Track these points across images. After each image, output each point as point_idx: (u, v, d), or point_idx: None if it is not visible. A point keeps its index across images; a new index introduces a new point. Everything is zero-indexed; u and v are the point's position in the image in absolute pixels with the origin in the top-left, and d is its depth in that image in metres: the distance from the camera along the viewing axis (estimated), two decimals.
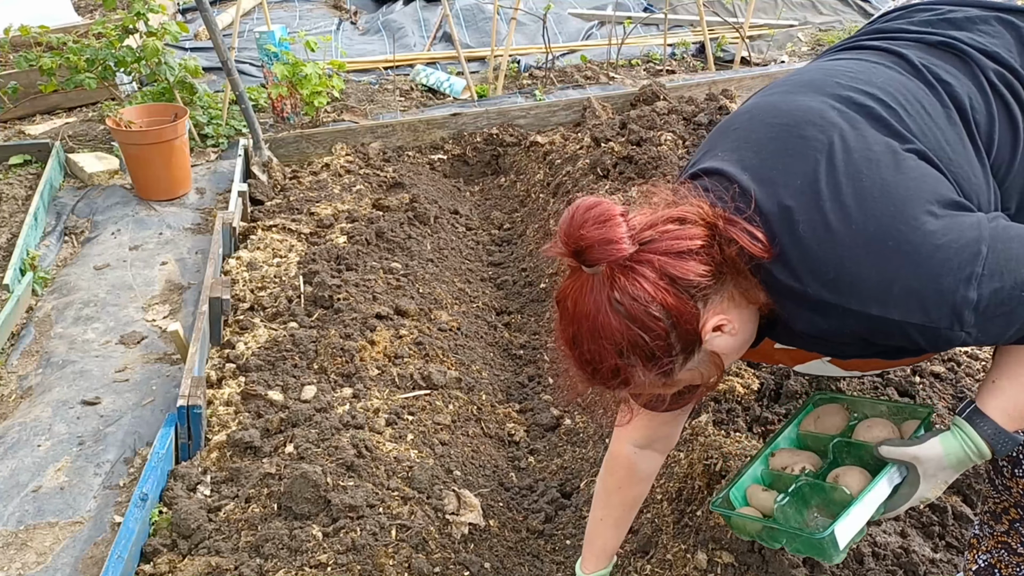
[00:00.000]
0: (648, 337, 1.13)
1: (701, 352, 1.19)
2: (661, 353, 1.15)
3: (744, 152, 1.22)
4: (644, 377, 1.17)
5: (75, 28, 4.69)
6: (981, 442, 1.20)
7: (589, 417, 2.48)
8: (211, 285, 2.67)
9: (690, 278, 1.12)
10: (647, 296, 1.11)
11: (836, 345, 1.31)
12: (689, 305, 1.14)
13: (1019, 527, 1.43)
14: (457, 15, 6.12)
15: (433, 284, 3.06)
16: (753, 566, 1.69)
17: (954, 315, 1.09)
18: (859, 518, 1.30)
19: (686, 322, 1.14)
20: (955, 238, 1.09)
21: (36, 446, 2.28)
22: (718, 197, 1.19)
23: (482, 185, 4.28)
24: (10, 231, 3.29)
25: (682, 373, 1.21)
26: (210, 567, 1.80)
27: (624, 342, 1.14)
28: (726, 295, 1.18)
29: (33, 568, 1.92)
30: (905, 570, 1.70)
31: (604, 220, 1.11)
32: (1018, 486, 1.38)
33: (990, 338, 1.14)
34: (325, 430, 2.17)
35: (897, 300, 1.11)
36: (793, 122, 1.19)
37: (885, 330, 1.15)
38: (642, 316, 1.12)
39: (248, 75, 5.09)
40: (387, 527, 1.89)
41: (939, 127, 1.20)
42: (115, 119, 3.55)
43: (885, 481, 1.31)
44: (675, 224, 1.15)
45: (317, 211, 3.41)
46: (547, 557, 2.07)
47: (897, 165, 1.13)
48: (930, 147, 1.17)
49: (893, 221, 1.10)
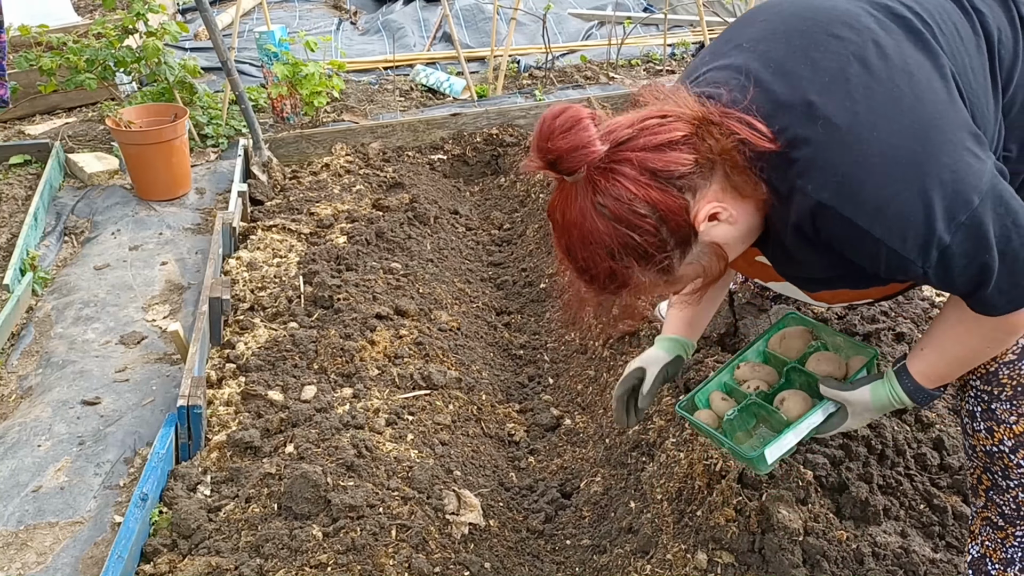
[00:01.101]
0: (638, 235, 1.12)
1: (699, 244, 1.18)
2: (655, 250, 1.14)
3: (771, 43, 1.19)
4: (643, 276, 1.17)
5: (75, 28, 4.69)
6: (903, 394, 1.40)
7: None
8: (211, 285, 2.67)
9: (671, 169, 1.11)
10: (629, 194, 1.10)
11: (815, 266, 1.32)
12: (675, 197, 1.12)
13: (994, 496, 1.46)
14: (457, 15, 6.12)
15: (433, 284, 3.06)
16: (753, 566, 1.69)
17: (923, 249, 1.12)
18: (790, 442, 1.53)
19: (675, 215, 1.13)
20: (960, 179, 1.10)
21: (36, 446, 2.28)
22: (724, 90, 1.16)
23: (482, 185, 4.28)
24: (10, 231, 3.29)
25: (683, 268, 1.20)
26: (210, 567, 1.80)
27: (615, 244, 1.13)
28: (718, 185, 1.16)
29: (33, 568, 1.92)
30: (905, 570, 1.70)
31: (571, 127, 1.10)
32: (980, 443, 1.43)
33: (940, 282, 1.19)
34: (325, 430, 2.17)
35: (886, 219, 1.12)
36: (826, 20, 1.17)
37: (861, 246, 1.16)
38: (628, 215, 1.11)
39: (248, 75, 5.09)
40: (387, 527, 1.89)
41: (968, 53, 1.19)
42: (115, 119, 3.55)
43: (819, 413, 1.54)
44: (657, 120, 1.14)
45: (317, 211, 3.41)
46: (547, 557, 2.07)
47: (931, 85, 1.12)
48: (958, 70, 1.16)
49: (916, 140, 1.09)
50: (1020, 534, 1.45)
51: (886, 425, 1.99)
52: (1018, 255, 1.14)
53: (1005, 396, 1.36)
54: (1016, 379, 1.35)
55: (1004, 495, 1.43)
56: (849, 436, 1.96)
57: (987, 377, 1.38)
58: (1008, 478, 1.41)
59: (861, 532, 1.77)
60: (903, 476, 1.92)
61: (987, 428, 1.41)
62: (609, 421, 2.38)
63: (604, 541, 2.04)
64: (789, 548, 1.67)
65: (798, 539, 1.68)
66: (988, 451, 1.42)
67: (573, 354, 2.79)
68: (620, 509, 2.08)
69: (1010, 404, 1.36)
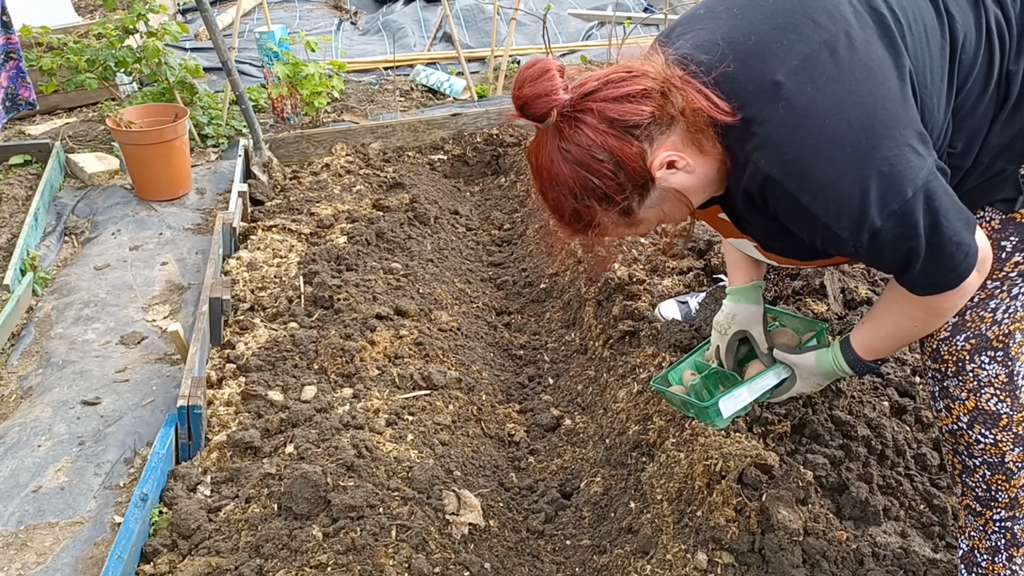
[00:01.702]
0: (596, 179, 1.24)
1: (657, 190, 1.29)
2: (613, 192, 1.26)
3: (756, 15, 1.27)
4: (606, 217, 1.29)
5: (75, 28, 4.69)
6: (844, 363, 1.55)
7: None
8: (211, 285, 2.67)
9: (627, 119, 1.21)
10: (588, 140, 1.22)
11: (762, 231, 1.45)
12: (632, 145, 1.23)
13: (966, 479, 1.50)
14: (457, 15, 6.12)
15: (433, 284, 3.06)
16: (753, 566, 1.69)
17: (855, 229, 1.23)
18: (742, 396, 1.68)
19: (631, 160, 1.24)
20: (898, 172, 1.20)
21: (36, 446, 2.28)
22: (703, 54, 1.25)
23: (482, 185, 4.28)
24: (10, 231, 3.29)
25: (644, 211, 1.32)
26: (210, 567, 1.80)
27: (577, 186, 1.25)
28: (677, 137, 1.26)
29: (33, 568, 1.92)
30: (905, 570, 1.70)
31: (539, 76, 1.22)
32: (943, 423, 1.49)
33: (869, 260, 1.33)
34: (325, 430, 2.17)
35: (825, 199, 1.22)
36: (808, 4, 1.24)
37: (801, 220, 1.28)
38: (587, 160, 1.23)
39: (248, 75, 5.09)
40: (387, 527, 1.89)
41: (931, 54, 1.27)
42: (115, 119, 3.55)
43: (772, 374, 1.71)
44: (622, 73, 1.24)
45: (317, 211, 3.41)
46: (547, 557, 2.07)
47: (887, 83, 1.21)
48: (917, 71, 1.25)
49: (862, 133, 1.19)
50: (998, 518, 1.48)
51: (886, 425, 1.99)
52: (943, 246, 1.24)
53: (951, 372, 1.43)
54: (955, 354, 1.42)
55: (973, 475, 1.48)
56: (849, 436, 1.96)
57: (933, 355, 1.46)
58: (972, 456, 1.46)
59: (861, 532, 1.77)
60: (903, 476, 1.92)
61: (945, 407, 1.47)
62: (609, 421, 2.38)
63: (604, 541, 2.04)
64: (789, 548, 1.67)
65: (798, 539, 1.68)
66: (951, 430, 1.47)
67: (573, 354, 2.79)
68: (620, 509, 2.08)
69: (957, 380, 1.43)
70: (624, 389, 2.40)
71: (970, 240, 1.27)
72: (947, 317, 1.39)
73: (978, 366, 1.40)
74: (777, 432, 1.97)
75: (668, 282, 2.65)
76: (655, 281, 2.67)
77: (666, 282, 2.65)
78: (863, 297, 2.45)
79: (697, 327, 2.33)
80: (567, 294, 3.03)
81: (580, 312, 2.88)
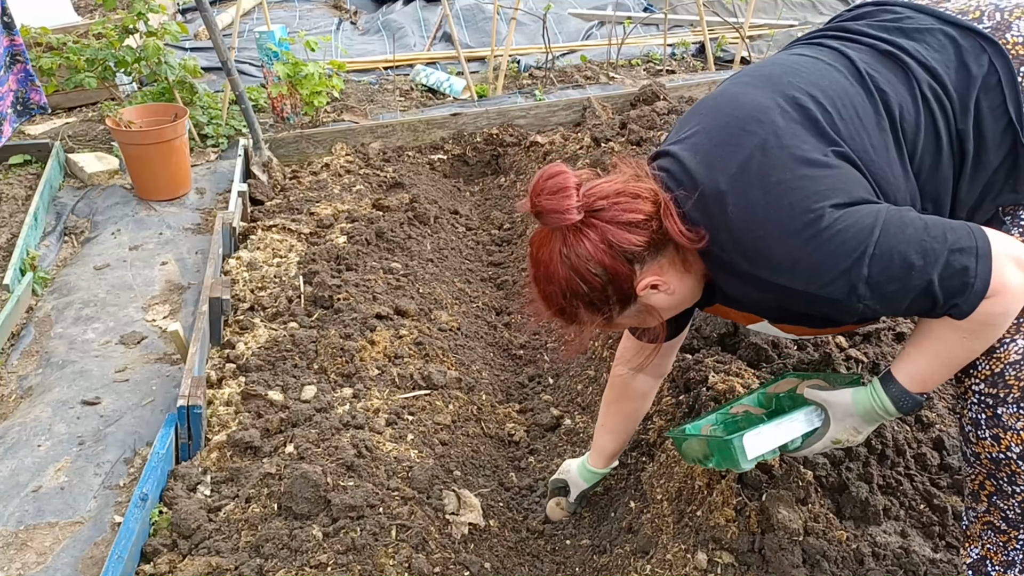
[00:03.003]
0: (587, 288, 1.37)
1: (637, 304, 1.42)
2: (599, 302, 1.39)
3: (701, 137, 1.41)
4: (588, 318, 1.43)
5: (75, 28, 4.68)
6: (886, 398, 1.42)
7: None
8: (211, 285, 2.67)
9: (625, 246, 1.34)
10: (587, 255, 1.34)
11: (765, 309, 1.54)
12: (624, 267, 1.36)
13: (997, 501, 1.44)
14: (457, 15, 6.12)
15: (433, 284, 3.06)
16: (753, 566, 1.69)
17: (849, 287, 1.27)
18: (768, 436, 1.54)
19: (621, 280, 1.37)
20: (853, 223, 1.26)
21: (36, 446, 2.28)
22: (672, 179, 1.40)
23: (482, 185, 4.28)
24: (10, 231, 3.29)
25: (621, 319, 1.45)
26: (210, 567, 1.80)
27: (568, 289, 1.38)
28: (666, 260, 1.40)
29: (33, 568, 1.92)
30: (905, 570, 1.70)
31: (557, 191, 1.33)
32: (984, 450, 1.41)
33: (888, 309, 1.33)
34: (325, 430, 2.17)
35: (800, 273, 1.29)
36: (743, 116, 1.37)
37: (793, 298, 1.35)
38: (582, 270, 1.35)
39: (248, 75, 5.09)
40: (387, 527, 1.89)
41: (868, 132, 1.36)
42: (115, 119, 3.55)
43: (801, 415, 1.55)
44: (628, 198, 1.36)
45: (317, 211, 3.41)
46: (547, 557, 2.07)
47: (816, 164, 1.30)
48: (855, 149, 1.33)
49: (803, 212, 1.27)
50: (1022, 538, 1.44)
51: (886, 425, 1.99)
52: (945, 259, 1.25)
53: (1012, 399, 1.34)
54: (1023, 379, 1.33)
55: (1009, 500, 1.42)
56: None
57: (992, 379, 1.37)
58: (1015, 483, 1.39)
59: (861, 532, 1.77)
60: (903, 476, 1.92)
61: (993, 435, 1.38)
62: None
63: (604, 541, 2.04)
64: (789, 548, 1.67)
65: (798, 539, 1.68)
66: (994, 458, 1.40)
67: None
68: (620, 509, 2.08)
69: (1017, 407, 1.34)
70: None
71: (968, 242, 1.25)
72: (1002, 326, 1.32)
73: None
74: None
75: None
76: None
77: None
78: None
79: (697, 326, 2.33)
80: None
81: None
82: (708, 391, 2.09)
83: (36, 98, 3.70)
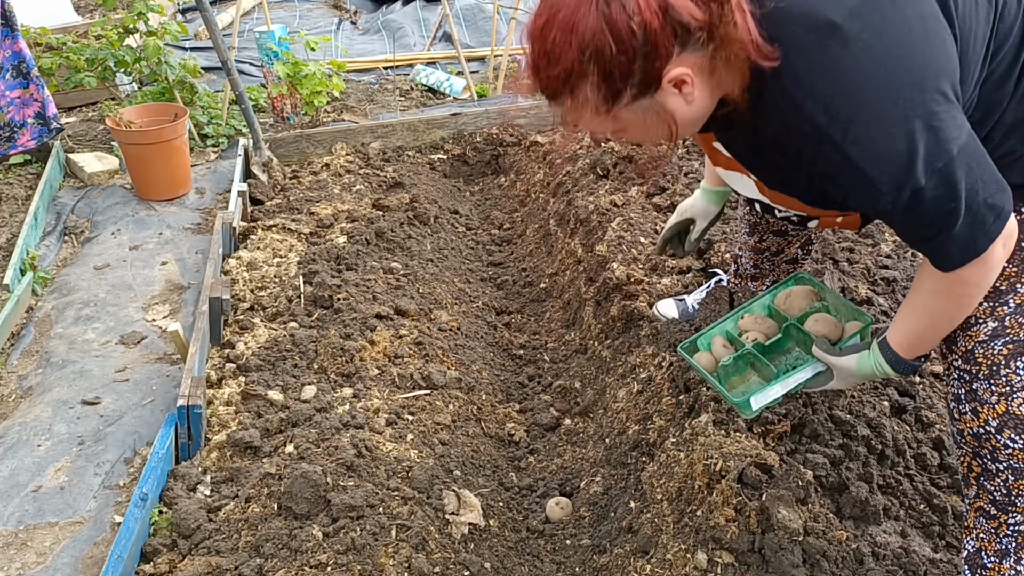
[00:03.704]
0: (616, 50, 1.12)
1: (653, 98, 1.20)
2: (619, 76, 1.15)
3: None
4: (590, 94, 1.18)
5: (75, 28, 4.68)
6: (885, 364, 1.52)
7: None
8: (211, 285, 2.67)
9: (683, 15, 1.12)
10: (636, 8, 1.10)
11: (770, 172, 1.43)
12: (668, 42, 1.14)
13: (984, 483, 1.46)
14: (457, 15, 6.12)
15: (433, 284, 3.06)
16: (753, 566, 1.69)
17: (898, 186, 1.20)
18: (776, 392, 1.69)
19: (656, 56, 1.14)
20: (944, 128, 1.17)
21: (36, 446, 2.28)
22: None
23: (482, 185, 4.28)
24: (10, 231, 3.29)
25: (626, 111, 1.22)
26: (210, 567, 1.80)
27: (591, 44, 1.13)
28: (703, 60, 1.18)
29: (33, 568, 1.92)
30: (905, 570, 1.70)
31: None
32: (966, 426, 1.44)
33: (904, 222, 1.28)
34: (325, 430, 2.17)
35: (873, 153, 1.18)
36: None
37: (839, 170, 1.22)
38: (621, 26, 1.11)
39: (248, 75, 5.09)
40: (387, 527, 1.89)
41: (978, 21, 1.25)
42: (115, 119, 3.55)
43: (808, 370, 1.69)
44: None
45: (317, 211, 3.41)
46: (547, 557, 2.07)
47: (942, 36, 1.18)
48: (962, 34, 1.22)
49: (915, 86, 1.15)
50: (1013, 522, 1.45)
51: (886, 425, 1.99)
52: (979, 210, 1.22)
53: (983, 375, 1.39)
54: (990, 358, 1.39)
55: (994, 480, 1.44)
56: (849, 436, 1.96)
57: (966, 356, 1.43)
58: (997, 460, 1.42)
59: (861, 532, 1.77)
60: (903, 476, 1.92)
61: (972, 409, 1.43)
62: (609, 421, 2.38)
63: (604, 541, 2.04)
64: (789, 548, 1.67)
65: (798, 539, 1.68)
66: (975, 433, 1.43)
67: (573, 354, 2.79)
68: (620, 509, 2.08)
69: (988, 383, 1.39)
70: (624, 389, 2.40)
71: (1003, 202, 1.24)
72: (978, 296, 1.35)
73: (1013, 371, 1.36)
74: (777, 432, 1.97)
75: (667, 281, 2.65)
76: (654, 280, 2.67)
77: (665, 281, 2.65)
78: (863, 297, 2.45)
79: (697, 326, 2.33)
80: (567, 294, 3.03)
81: (580, 312, 2.88)
82: (708, 391, 2.09)
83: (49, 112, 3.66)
